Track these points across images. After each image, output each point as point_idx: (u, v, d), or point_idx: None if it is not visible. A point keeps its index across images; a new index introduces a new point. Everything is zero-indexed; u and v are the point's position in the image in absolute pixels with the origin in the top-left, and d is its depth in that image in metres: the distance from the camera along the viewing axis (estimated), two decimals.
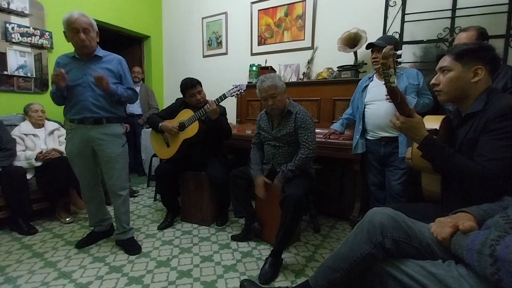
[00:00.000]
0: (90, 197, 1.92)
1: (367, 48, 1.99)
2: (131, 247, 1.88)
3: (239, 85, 2.08)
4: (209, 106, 2.03)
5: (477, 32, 1.65)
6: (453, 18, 2.22)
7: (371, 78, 2.03)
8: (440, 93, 1.14)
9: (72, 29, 1.64)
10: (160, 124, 2.22)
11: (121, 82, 1.84)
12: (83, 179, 1.88)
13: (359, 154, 2.05)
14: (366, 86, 2.01)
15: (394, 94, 1.08)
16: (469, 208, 0.92)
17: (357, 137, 2.03)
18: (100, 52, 1.78)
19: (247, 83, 3.02)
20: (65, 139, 1.85)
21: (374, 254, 0.93)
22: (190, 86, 2.21)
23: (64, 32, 1.69)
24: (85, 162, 1.83)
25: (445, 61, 1.11)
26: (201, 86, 2.26)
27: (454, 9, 2.22)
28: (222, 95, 2.08)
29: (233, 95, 2.09)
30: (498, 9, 2.06)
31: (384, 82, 1.08)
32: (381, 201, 2.03)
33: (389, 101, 1.80)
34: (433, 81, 1.16)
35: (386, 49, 1.02)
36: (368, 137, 2.01)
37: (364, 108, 1.99)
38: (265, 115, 2.00)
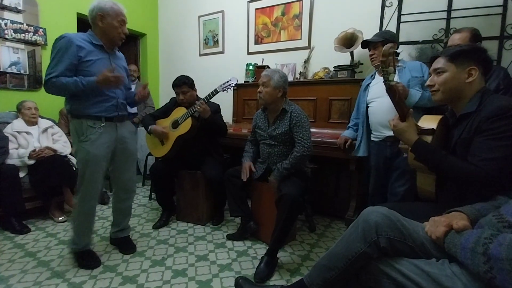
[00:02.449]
0: (93, 207, 1.68)
1: (362, 47, 1.96)
2: (127, 246, 1.86)
3: (230, 80, 2.10)
4: (200, 106, 2.03)
5: (470, 34, 1.66)
6: (448, 19, 2.24)
7: (373, 76, 1.98)
8: (436, 93, 1.15)
9: (120, 20, 1.59)
10: (150, 127, 2.23)
11: None
12: (99, 184, 1.64)
13: (361, 156, 1.98)
14: (368, 84, 1.97)
15: (392, 92, 1.09)
16: (462, 208, 0.93)
17: (359, 138, 1.98)
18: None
19: (243, 82, 3.03)
20: (85, 139, 1.56)
21: (368, 253, 0.94)
22: (175, 84, 2.24)
23: (102, 15, 1.55)
24: (105, 165, 1.66)
25: (439, 62, 1.13)
26: (189, 87, 2.24)
27: (449, 10, 2.24)
28: (214, 90, 2.09)
29: (225, 90, 2.10)
30: (493, 11, 2.08)
31: (383, 80, 1.09)
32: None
33: None
34: (428, 82, 1.18)
35: (386, 47, 1.03)
36: (373, 138, 1.92)
37: (367, 107, 1.94)
38: (261, 113, 2.00)
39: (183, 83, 2.22)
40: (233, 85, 2.10)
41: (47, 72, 1.49)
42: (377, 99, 1.87)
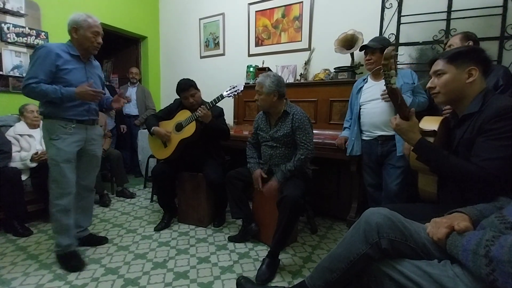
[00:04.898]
0: (69, 203, 1.71)
1: (360, 50, 2.00)
2: (97, 239, 2.00)
3: (236, 86, 2.10)
4: (201, 111, 2.04)
5: (461, 35, 1.73)
6: (448, 20, 2.25)
7: (365, 80, 2.03)
8: (437, 95, 1.15)
9: (94, 31, 1.69)
10: (152, 128, 2.23)
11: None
12: (72, 181, 1.70)
13: (355, 155, 2.04)
14: (361, 87, 2.02)
15: (394, 95, 1.09)
16: (464, 209, 0.93)
17: (353, 139, 2.02)
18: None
19: (244, 84, 3.04)
20: (56, 137, 1.64)
21: (370, 254, 0.93)
22: (183, 89, 2.20)
23: (76, 28, 1.66)
24: (75, 163, 1.74)
25: (439, 65, 1.13)
26: (195, 88, 2.24)
27: (449, 11, 2.24)
28: (219, 95, 2.09)
29: (230, 96, 2.11)
30: (493, 12, 2.09)
31: (383, 83, 1.09)
32: (379, 202, 2.01)
33: (385, 101, 1.82)
34: (429, 84, 1.18)
35: (388, 50, 1.03)
36: (364, 138, 1.99)
37: (360, 109, 1.99)
38: (263, 115, 2.01)
39: (190, 86, 2.20)
40: (240, 91, 2.11)
41: (26, 77, 1.58)
42: (370, 102, 1.93)
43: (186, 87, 2.19)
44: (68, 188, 1.69)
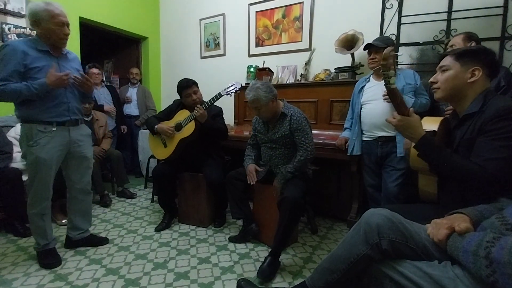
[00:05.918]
0: (44, 208, 1.70)
1: (364, 49, 2.00)
2: (98, 239, 1.98)
3: (234, 84, 2.10)
4: (197, 111, 2.05)
5: (463, 35, 1.74)
6: (449, 20, 2.24)
7: (367, 79, 2.03)
8: (437, 90, 1.16)
9: (58, 22, 1.54)
10: (155, 126, 2.24)
11: None
12: (49, 187, 1.67)
13: (355, 155, 2.05)
14: (363, 87, 2.02)
15: (393, 95, 1.09)
16: (464, 209, 0.93)
17: (354, 138, 2.03)
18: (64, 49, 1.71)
19: (244, 84, 3.05)
20: (34, 143, 1.55)
21: (370, 255, 0.93)
22: (186, 86, 2.21)
23: (35, 21, 1.52)
24: (56, 168, 1.68)
25: (446, 60, 1.14)
26: (197, 86, 2.27)
27: (450, 11, 2.24)
28: (218, 94, 2.11)
29: (229, 94, 2.12)
30: (494, 12, 2.08)
31: (384, 83, 1.09)
32: (379, 203, 2.02)
33: (387, 101, 1.81)
34: (431, 79, 1.18)
35: (386, 50, 1.03)
36: (365, 138, 1.99)
37: (361, 108, 1.99)
38: (260, 118, 2.01)
39: (193, 83, 2.23)
40: (237, 89, 2.11)
41: None
42: (372, 102, 1.93)
43: (189, 84, 2.22)
44: (45, 194, 1.67)
